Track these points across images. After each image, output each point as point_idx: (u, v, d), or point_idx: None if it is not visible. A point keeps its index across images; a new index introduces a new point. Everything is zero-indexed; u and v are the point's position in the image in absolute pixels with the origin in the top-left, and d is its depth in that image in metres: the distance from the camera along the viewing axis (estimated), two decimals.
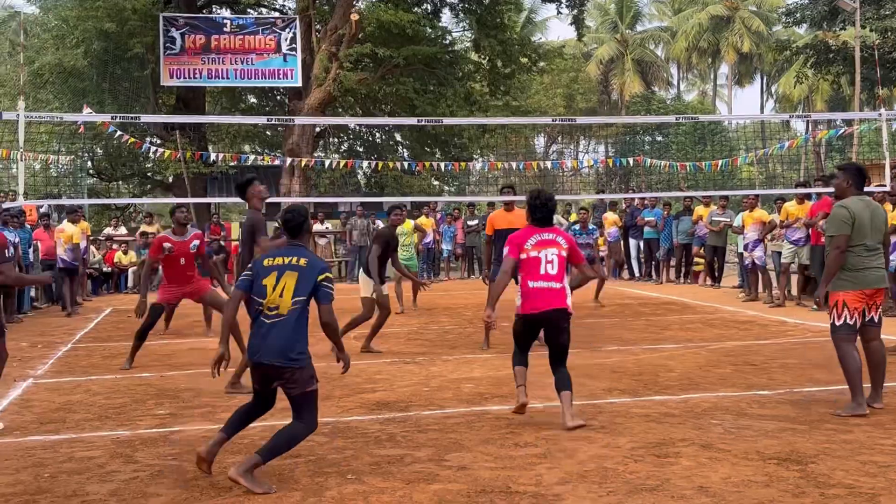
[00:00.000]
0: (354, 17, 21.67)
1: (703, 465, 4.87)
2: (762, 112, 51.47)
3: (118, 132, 18.25)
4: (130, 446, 5.63)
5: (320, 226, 21.72)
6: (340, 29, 22.47)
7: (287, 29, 23.29)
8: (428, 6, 26.30)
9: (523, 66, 26.64)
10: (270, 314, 4.75)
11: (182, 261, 8.82)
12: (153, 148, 21.32)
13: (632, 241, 19.27)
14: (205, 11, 26.02)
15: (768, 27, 48.42)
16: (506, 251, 6.14)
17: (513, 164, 23.71)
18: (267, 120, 22.53)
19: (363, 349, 9.41)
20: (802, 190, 14.12)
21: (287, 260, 4.83)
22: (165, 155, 20.44)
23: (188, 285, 8.91)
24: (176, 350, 10.00)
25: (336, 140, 32.08)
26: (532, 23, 45.94)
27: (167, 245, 8.83)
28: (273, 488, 4.58)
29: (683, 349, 9.30)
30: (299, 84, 23.46)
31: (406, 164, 23.38)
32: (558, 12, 29.05)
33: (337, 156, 30.29)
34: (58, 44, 23.23)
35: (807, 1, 29.08)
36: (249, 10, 27.27)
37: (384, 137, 31.68)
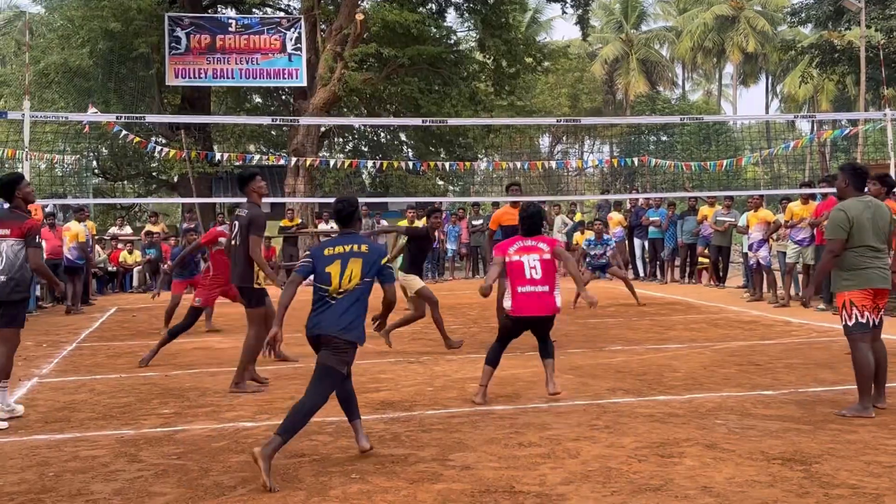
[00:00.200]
0: (359, 17, 21.67)
1: (707, 465, 4.87)
2: (767, 112, 51.47)
3: (123, 132, 18.27)
4: (135, 445, 5.64)
5: (325, 225, 21.71)
6: (345, 29, 22.48)
7: (292, 29, 23.30)
8: (433, 6, 26.29)
9: (528, 66, 26.61)
10: (338, 296, 5.01)
11: None
12: (158, 148, 21.36)
13: (636, 241, 19.28)
14: (210, 11, 26.07)
15: (773, 27, 48.32)
16: (494, 254, 6.71)
17: (517, 164, 23.70)
18: (272, 120, 22.57)
19: (382, 331, 9.34)
20: (807, 190, 14.10)
21: (348, 248, 5.09)
22: (170, 155, 20.49)
23: (228, 284, 8.80)
24: (181, 349, 10.00)
25: (341, 140, 32.13)
26: (537, 22, 45.95)
27: (223, 239, 8.76)
28: (276, 487, 4.58)
29: (688, 349, 9.29)
30: (304, 84, 23.48)
31: (411, 164, 23.40)
32: (563, 12, 28.93)
33: (342, 156, 30.35)
34: (63, 43, 23.27)
35: (812, 1, 29.07)
36: (254, 10, 27.33)
37: (389, 137, 31.70)
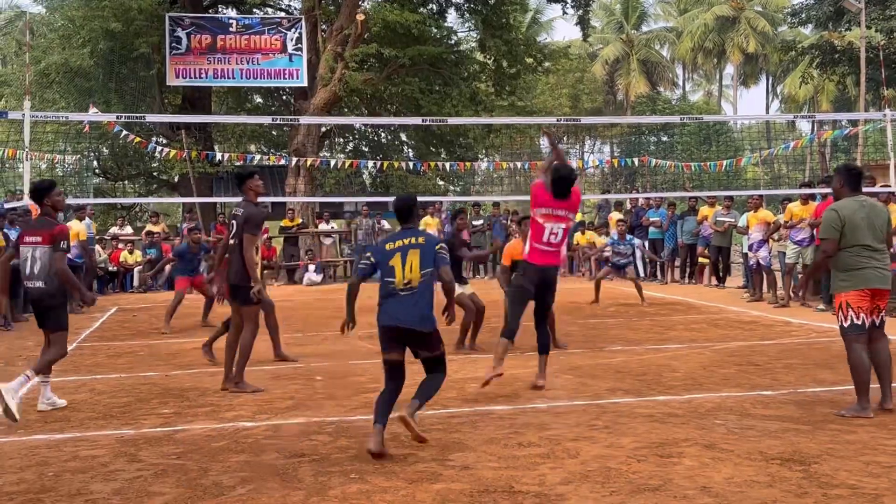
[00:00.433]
0: (360, 18, 21.67)
1: (706, 466, 4.88)
2: (767, 112, 51.45)
3: (124, 132, 18.28)
4: (134, 445, 5.65)
5: (325, 225, 21.74)
6: (346, 29, 22.47)
7: (293, 29, 23.30)
8: (433, 6, 26.26)
9: (529, 67, 26.60)
10: (405, 289, 5.42)
11: None
12: (159, 148, 21.37)
13: (636, 241, 19.26)
14: (211, 11, 26.06)
15: (774, 27, 48.33)
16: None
17: (518, 164, 23.70)
18: (272, 120, 22.58)
19: (466, 346, 9.44)
20: (807, 190, 14.10)
21: (407, 241, 5.53)
22: (171, 155, 20.49)
23: None
24: (181, 349, 10.02)
25: (342, 140, 32.10)
26: (537, 23, 45.95)
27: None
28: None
29: (687, 349, 9.29)
30: (305, 84, 23.47)
31: (411, 164, 23.41)
32: (564, 13, 28.86)
33: (342, 156, 30.32)
34: (64, 43, 23.26)
35: (812, 1, 29.07)
36: (255, 10, 27.31)
37: (389, 137, 31.69)
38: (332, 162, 22.58)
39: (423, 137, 28.09)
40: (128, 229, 21.71)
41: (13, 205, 13.01)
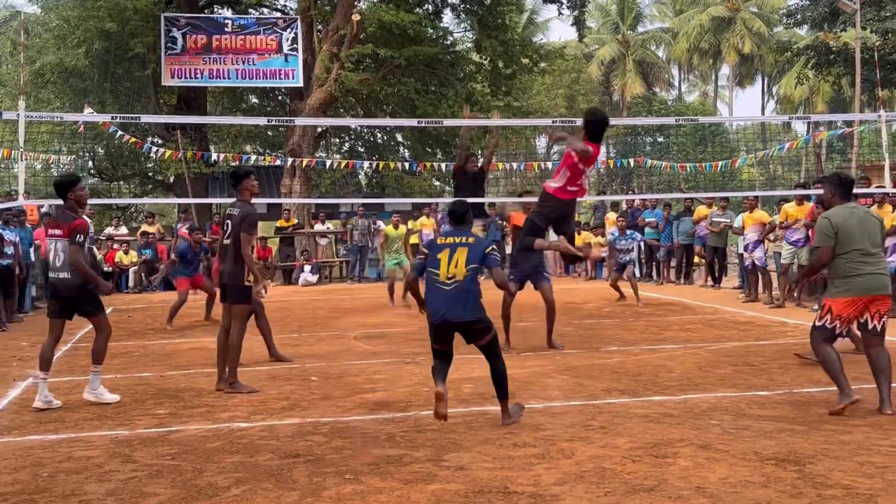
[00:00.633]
0: (356, 18, 21.66)
1: (701, 466, 4.88)
2: (763, 113, 51.50)
3: (119, 132, 18.25)
4: (129, 446, 5.64)
5: (321, 226, 21.72)
6: (342, 29, 22.46)
7: (288, 29, 23.29)
8: (429, 7, 26.25)
9: (524, 67, 26.60)
10: (449, 282, 5.90)
11: None
12: (154, 148, 21.33)
13: None
14: (206, 11, 26.03)
15: (769, 28, 48.37)
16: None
17: (514, 165, 23.70)
18: (268, 120, 22.54)
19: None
20: (802, 191, 14.12)
21: (458, 239, 6.09)
22: (166, 155, 20.48)
23: None
24: (176, 350, 10.01)
25: (337, 140, 32.09)
26: (533, 23, 45.93)
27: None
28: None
29: (683, 350, 9.30)
30: (300, 84, 23.47)
31: (407, 165, 23.39)
32: (559, 13, 29.03)
33: (338, 156, 30.30)
34: (59, 43, 23.21)
35: (808, 2, 29.09)
36: (251, 11, 27.27)
37: (385, 138, 31.66)
38: (328, 162, 22.59)
39: (419, 138, 28.08)
40: (123, 230, 21.70)
41: (8, 205, 12.97)
